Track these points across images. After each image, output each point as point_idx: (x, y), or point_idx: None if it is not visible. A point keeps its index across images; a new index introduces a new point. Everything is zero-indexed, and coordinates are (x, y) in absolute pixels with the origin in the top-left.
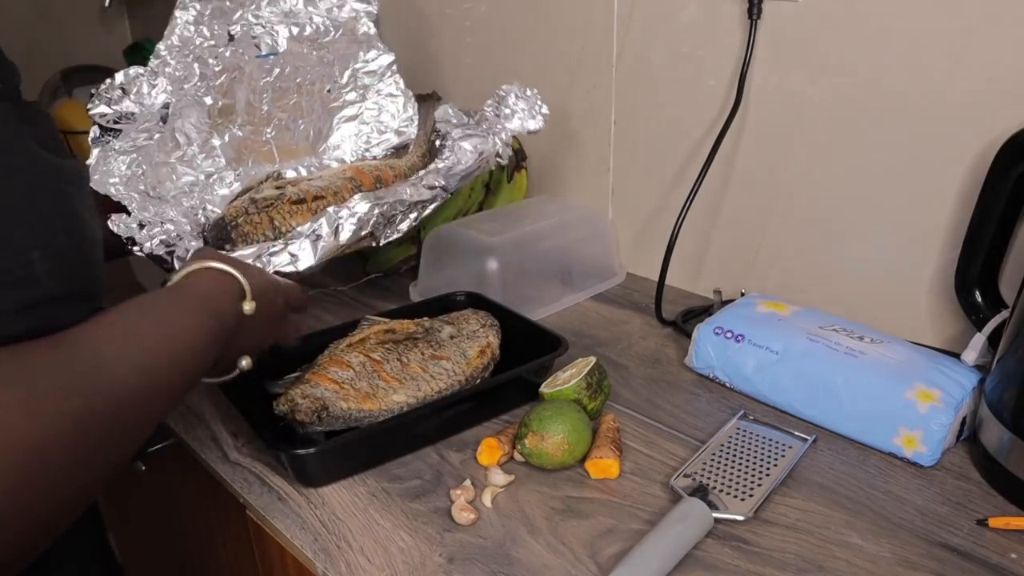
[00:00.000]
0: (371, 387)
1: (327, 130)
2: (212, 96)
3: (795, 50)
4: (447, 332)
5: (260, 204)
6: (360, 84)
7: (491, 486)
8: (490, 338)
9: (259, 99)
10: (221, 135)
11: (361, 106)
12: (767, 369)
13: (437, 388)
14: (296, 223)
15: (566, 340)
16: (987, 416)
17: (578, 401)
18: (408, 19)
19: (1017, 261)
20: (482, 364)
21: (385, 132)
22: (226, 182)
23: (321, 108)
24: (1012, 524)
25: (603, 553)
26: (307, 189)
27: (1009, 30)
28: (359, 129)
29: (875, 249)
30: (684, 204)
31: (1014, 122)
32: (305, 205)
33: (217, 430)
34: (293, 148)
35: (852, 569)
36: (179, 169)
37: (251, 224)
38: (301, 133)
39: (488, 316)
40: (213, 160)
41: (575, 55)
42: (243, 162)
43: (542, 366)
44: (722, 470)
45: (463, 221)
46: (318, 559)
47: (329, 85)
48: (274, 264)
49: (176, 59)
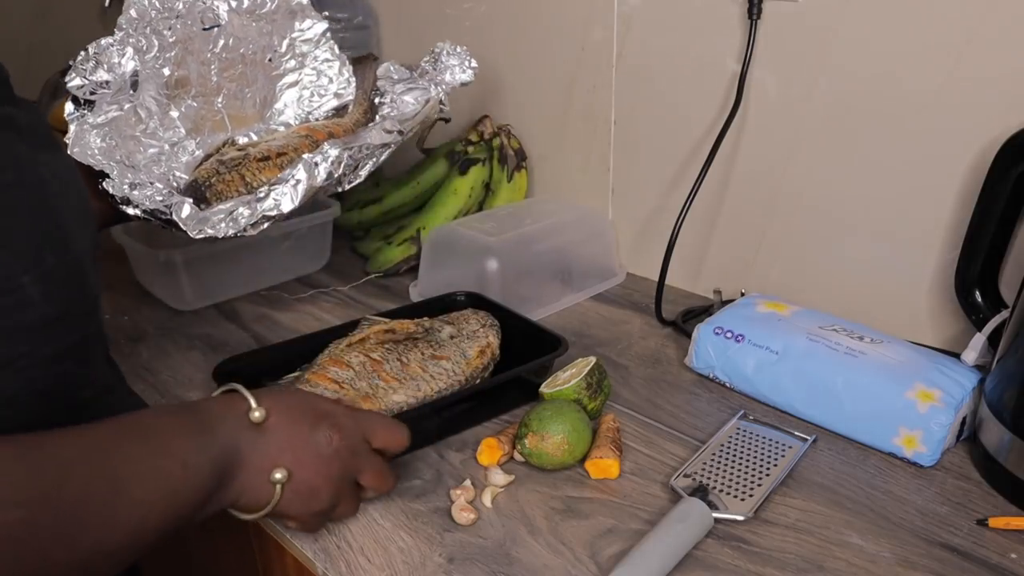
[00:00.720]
0: (371, 387)
1: (271, 97)
2: (169, 67)
3: (795, 50)
4: (447, 332)
5: (229, 164)
6: (298, 52)
7: (491, 486)
8: (490, 338)
9: (208, 70)
10: (178, 107)
11: (300, 73)
12: (767, 369)
13: (437, 388)
14: (266, 177)
15: (566, 340)
16: (987, 416)
17: (578, 401)
18: (408, 19)
19: (1017, 261)
20: (482, 364)
21: (324, 95)
22: (188, 150)
23: (264, 77)
24: (1012, 524)
25: (603, 553)
26: (268, 148)
27: (1009, 30)
28: (300, 94)
29: (875, 249)
30: (684, 204)
31: (1014, 122)
32: (271, 161)
33: None
34: (243, 116)
35: (852, 569)
36: (144, 142)
37: (224, 183)
38: (248, 101)
39: (488, 316)
40: (174, 131)
41: (575, 55)
42: (200, 132)
43: (542, 366)
44: (722, 470)
45: (463, 221)
46: (318, 559)
47: (270, 55)
48: (262, 209)
49: (137, 31)
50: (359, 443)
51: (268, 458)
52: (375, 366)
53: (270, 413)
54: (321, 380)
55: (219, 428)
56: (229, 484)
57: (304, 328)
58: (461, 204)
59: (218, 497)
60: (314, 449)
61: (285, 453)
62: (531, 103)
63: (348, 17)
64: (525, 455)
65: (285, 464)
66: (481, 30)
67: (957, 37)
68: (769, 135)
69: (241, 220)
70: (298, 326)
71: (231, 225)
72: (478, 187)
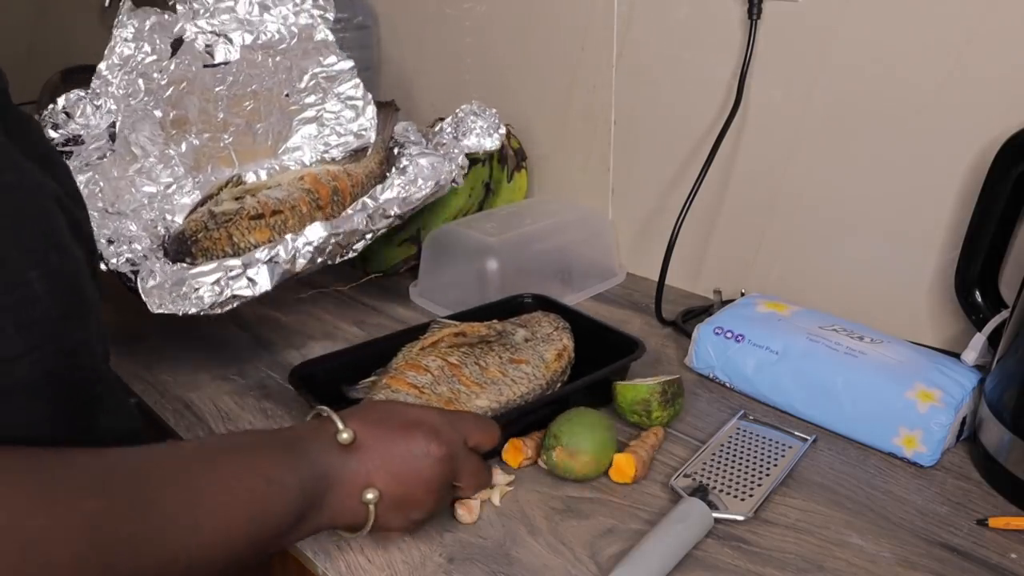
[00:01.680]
0: (452, 392)
1: (286, 133)
2: (162, 109)
3: (795, 50)
4: (521, 335)
5: (219, 219)
6: (320, 87)
7: (499, 485)
8: (565, 340)
9: (214, 107)
10: (178, 144)
11: (321, 108)
12: (767, 369)
13: (520, 392)
14: (255, 240)
15: (642, 342)
16: (987, 416)
17: (647, 401)
18: (408, 19)
19: (1017, 261)
20: (560, 367)
21: (344, 135)
22: (185, 190)
23: (279, 112)
24: (1012, 524)
25: (603, 553)
26: (265, 202)
27: (1009, 30)
28: (318, 131)
29: (875, 249)
30: (684, 204)
31: (1014, 122)
32: (263, 220)
33: (217, 430)
34: (253, 151)
35: (852, 569)
36: (138, 181)
37: (211, 240)
38: (260, 136)
39: (559, 319)
40: (172, 170)
41: (575, 55)
42: (202, 169)
43: (623, 368)
44: (722, 470)
45: (463, 221)
46: (318, 559)
47: (287, 90)
48: (232, 288)
49: (118, 77)
50: (458, 447)
51: (359, 478)
52: (454, 370)
53: (359, 433)
54: (401, 385)
55: (307, 450)
56: (321, 506)
57: (306, 328)
58: (461, 204)
59: (311, 519)
60: (412, 463)
61: (379, 472)
62: (531, 103)
63: (348, 17)
64: (550, 467)
65: (379, 482)
66: (481, 30)
67: (957, 37)
68: (769, 135)
69: (207, 298)
70: (299, 326)
71: (195, 304)
72: (478, 187)
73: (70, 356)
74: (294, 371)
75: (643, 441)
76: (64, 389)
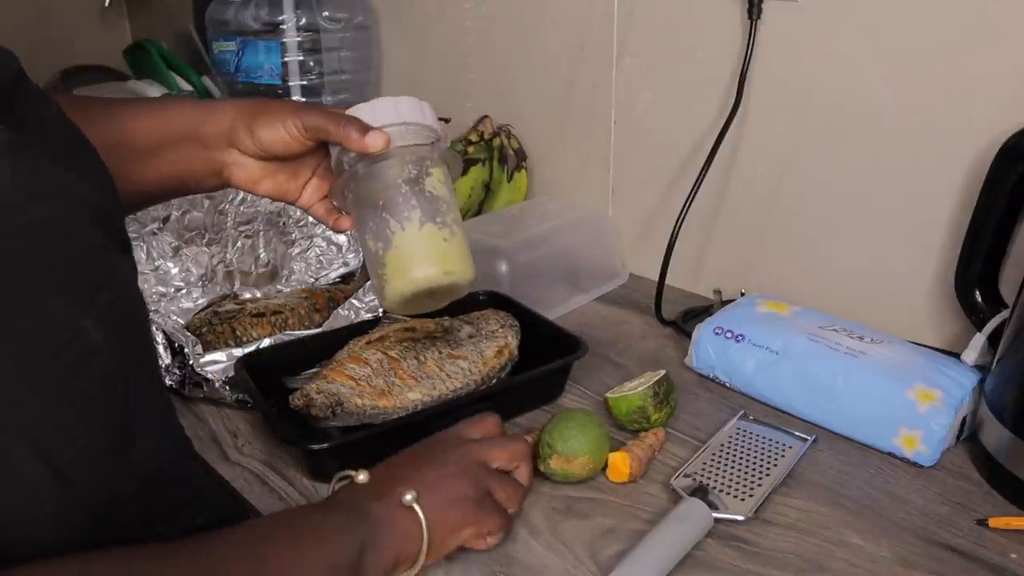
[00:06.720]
0: (387, 384)
1: (284, 262)
2: (175, 211)
3: (795, 50)
4: (466, 331)
5: (223, 316)
6: (311, 220)
7: None
8: (508, 338)
9: (224, 220)
10: (190, 247)
11: (311, 241)
12: (767, 369)
13: (452, 387)
14: (257, 334)
15: (585, 343)
16: (987, 416)
17: (642, 408)
18: (408, 19)
19: (1017, 261)
20: (499, 364)
21: (333, 264)
22: (192, 296)
23: (279, 240)
24: (1012, 524)
25: (603, 553)
26: (266, 304)
27: (1009, 30)
28: (307, 263)
29: (875, 249)
30: (684, 204)
31: (1014, 122)
32: (265, 318)
33: (217, 429)
34: (251, 274)
35: (852, 569)
36: (152, 279)
37: (214, 333)
38: (260, 262)
39: (508, 316)
40: (186, 274)
41: (575, 54)
42: (212, 279)
43: (562, 369)
44: (722, 470)
45: (469, 224)
46: None
47: (284, 219)
48: None
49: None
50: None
51: (396, 488)
52: (392, 364)
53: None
54: (338, 376)
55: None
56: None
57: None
58: (461, 204)
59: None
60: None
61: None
62: (531, 103)
63: (348, 17)
64: (550, 475)
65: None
66: (481, 30)
67: (957, 37)
68: (769, 135)
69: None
70: None
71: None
72: (478, 187)
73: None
74: (241, 360)
75: (640, 440)
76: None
